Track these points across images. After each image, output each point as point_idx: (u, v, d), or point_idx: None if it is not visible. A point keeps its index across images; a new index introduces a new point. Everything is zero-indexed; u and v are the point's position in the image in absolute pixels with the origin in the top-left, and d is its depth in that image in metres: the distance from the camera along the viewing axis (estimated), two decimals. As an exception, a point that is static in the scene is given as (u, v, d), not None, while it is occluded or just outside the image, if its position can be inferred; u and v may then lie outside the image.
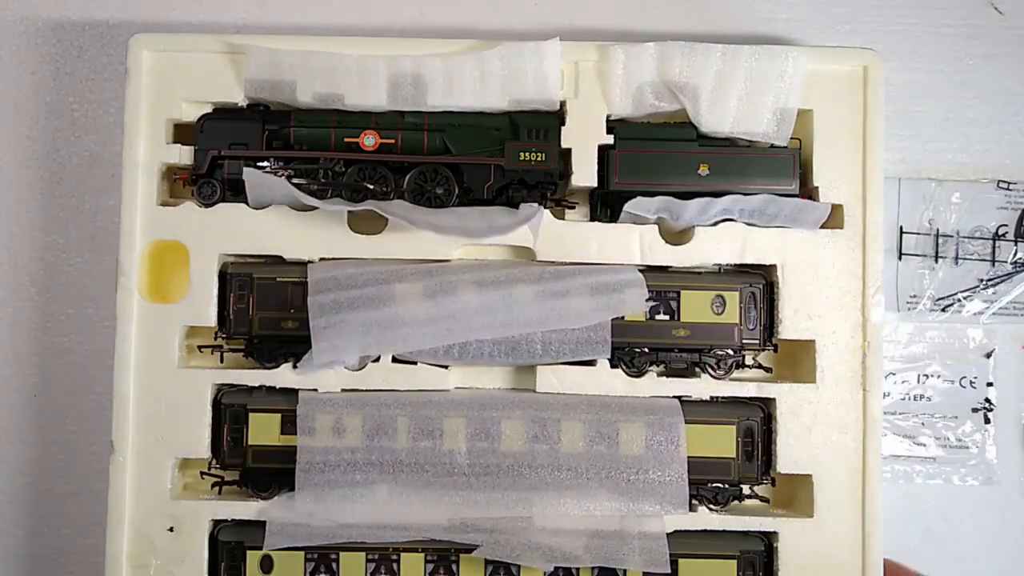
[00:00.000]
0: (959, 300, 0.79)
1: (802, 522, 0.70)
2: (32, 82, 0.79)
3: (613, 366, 0.71)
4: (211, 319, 0.71)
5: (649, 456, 0.70)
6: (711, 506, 0.71)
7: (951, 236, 0.79)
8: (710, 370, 0.72)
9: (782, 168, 0.72)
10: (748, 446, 0.71)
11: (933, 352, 0.79)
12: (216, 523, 0.70)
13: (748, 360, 0.73)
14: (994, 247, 0.79)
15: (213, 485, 0.72)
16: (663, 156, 0.72)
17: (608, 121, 0.72)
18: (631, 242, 0.71)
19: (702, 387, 0.72)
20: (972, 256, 0.79)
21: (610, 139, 0.72)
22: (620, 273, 0.71)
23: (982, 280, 0.79)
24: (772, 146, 0.72)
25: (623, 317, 0.71)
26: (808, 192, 0.72)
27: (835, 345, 0.71)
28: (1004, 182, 0.80)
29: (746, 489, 0.72)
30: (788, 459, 0.71)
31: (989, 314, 0.79)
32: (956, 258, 0.79)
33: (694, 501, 0.71)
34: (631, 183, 0.71)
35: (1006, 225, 0.79)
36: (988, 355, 0.79)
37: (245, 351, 0.72)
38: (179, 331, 0.71)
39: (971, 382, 0.79)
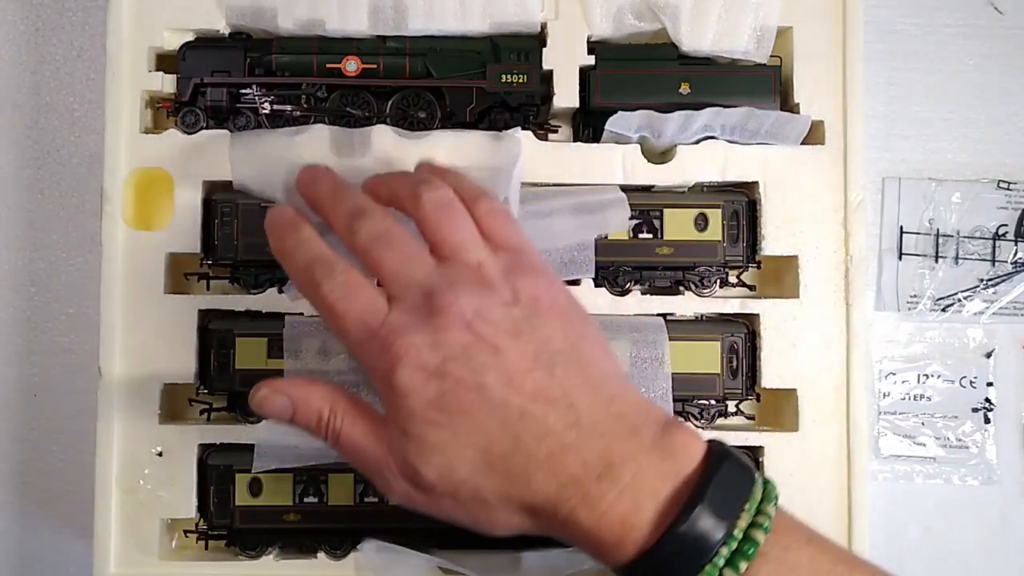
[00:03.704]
0: (959, 300, 0.79)
1: (787, 436, 0.71)
2: (32, 82, 0.79)
3: (597, 285, 0.72)
4: (196, 246, 0.71)
5: (634, 373, 0.70)
6: (697, 422, 0.72)
7: (951, 236, 0.79)
8: (694, 287, 0.72)
9: (763, 85, 0.72)
10: (732, 362, 0.71)
11: (933, 352, 0.80)
12: (204, 447, 0.71)
13: (732, 278, 0.73)
14: (994, 247, 0.80)
15: (202, 412, 0.72)
16: (644, 76, 0.72)
17: (589, 42, 0.73)
18: (613, 162, 0.71)
19: (686, 304, 0.72)
20: (972, 256, 0.79)
21: (591, 60, 0.72)
22: (602, 193, 0.71)
23: (982, 280, 0.79)
24: (756, 65, 0.73)
25: (606, 236, 0.71)
26: (789, 110, 0.73)
27: (818, 260, 0.71)
28: (1004, 182, 0.80)
29: (731, 407, 0.73)
30: (773, 374, 0.71)
31: (989, 314, 0.80)
32: (956, 258, 0.79)
33: (680, 418, 0.71)
34: (613, 103, 0.71)
35: (1006, 225, 0.80)
36: (988, 355, 0.80)
37: (231, 277, 0.72)
38: (164, 258, 0.71)
39: (971, 382, 0.79)
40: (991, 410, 0.79)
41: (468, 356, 0.54)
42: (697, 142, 0.72)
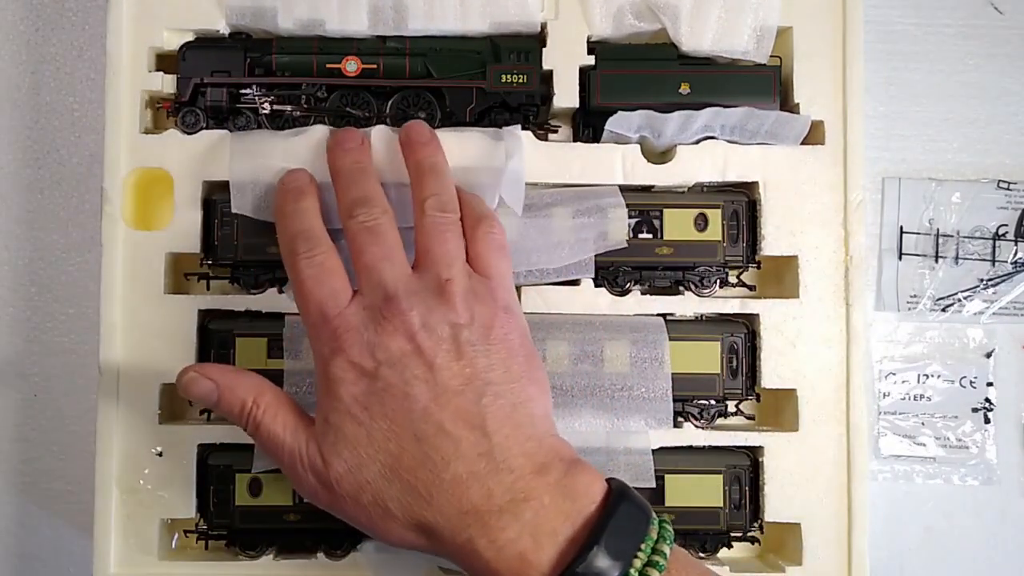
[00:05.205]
0: (959, 300, 0.79)
1: (787, 436, 0.71)
2: (32, 82, 0.79)
3: (597, 285, 0.72)
4: (196, 246, 0.71)
5: (634, 373, 0.70)
6: (696, 422, 0.72)
7: (951, 236, 0.80)
8: (693, 287, 0.72)
9: (762, 85, 0.72)
10: (732, 362, 0.71)
11: (933, 352, 0.80)
12: (204, 447, 0.71)
13: (732, 278, 0.73)
14: (994, 247, 0.80)
15: (201, 412, 0.72)
16: (644, 76, 0.72)
17: (589, 42, 0.73)
18: (613, 162, 0.71)
19: (686, 304, 0.72)
20: (972, 256, 0.79)
21: (591, 60, 0.72)
22: (602, 197, 0.71)
23: (982, 280, 0.79)
24: (756, 65, 0.73)
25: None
26: (789, 110, 0.73)
27: (817, 260, 0.71)
28: (1004, 182, 0.80)
29: (731, 407, 0.73)
30: (772, 374, 0.71)
31: (989, 314, 0.80)
32: (956, 258, 0.79)
33: (680, 418, 0.71)
34: (613, 103, 0.71)
35: (1006, 225, 0.80)
36: (988, 355, 0.80)
37: (231, 277, 0.72)
38: (164, 258, 0.71)
39: (971, 382, 0.79)
40: (991, 410, 0.79)
41: (403, 365, 0.56)
42: (697, 142, 0.72)
